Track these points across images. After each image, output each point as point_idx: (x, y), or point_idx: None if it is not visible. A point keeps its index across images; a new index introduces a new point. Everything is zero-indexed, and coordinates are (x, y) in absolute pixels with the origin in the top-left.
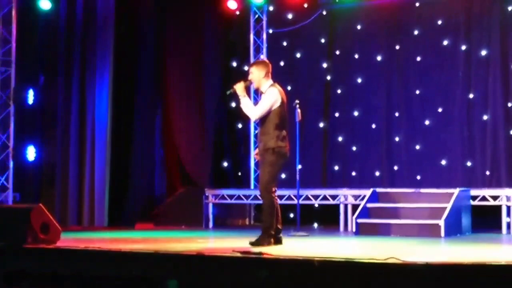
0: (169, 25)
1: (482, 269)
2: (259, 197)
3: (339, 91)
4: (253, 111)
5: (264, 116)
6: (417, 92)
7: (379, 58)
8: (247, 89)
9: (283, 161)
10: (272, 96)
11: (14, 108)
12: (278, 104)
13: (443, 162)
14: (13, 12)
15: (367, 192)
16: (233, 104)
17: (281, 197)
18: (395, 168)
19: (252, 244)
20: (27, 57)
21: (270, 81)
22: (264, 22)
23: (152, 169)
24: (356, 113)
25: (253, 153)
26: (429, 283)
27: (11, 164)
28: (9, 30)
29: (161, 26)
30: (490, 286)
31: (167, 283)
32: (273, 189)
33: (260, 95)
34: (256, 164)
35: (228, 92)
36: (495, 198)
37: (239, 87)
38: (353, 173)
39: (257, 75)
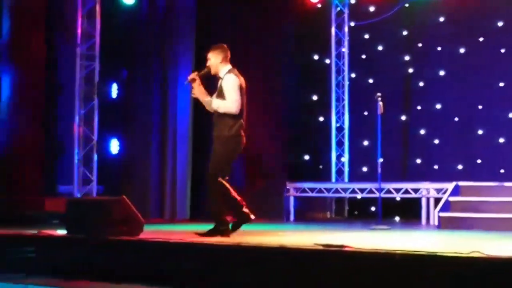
0: (247, 18)
1: None
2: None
3: (421, 84)
4: (228, 105)
5: (221, 99)
6: (501, 84)
7: (462, 50)
8: (204, 78)
9: (236, 151)
10: (234, 82)
11: (98, 102)
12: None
13: None
14: (97, 7)
15: (450, 186)
16: (315, 97)
17: (362, 190)
18: (478, 161)
19: (204, 234)
20: (111, 51)
21: (229, 66)
22: (346, 15)
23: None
24: (438, 106)
25: (334, 146)
26: None
27: (95, 157)
28: (93, 25)
29: (240, 18)
30: None
31: None
32: (224, 178)
33: (217, 81)
34: (338, 157)
35: (185, 83)
36: None
37: (198, 92)
38: (435, 166)
39: (214, 60)
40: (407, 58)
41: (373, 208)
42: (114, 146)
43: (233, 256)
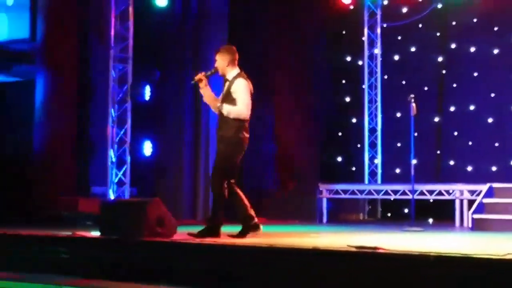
0: (280, 19)
1: None
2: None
3: (454, 85)
4: (240, 110)
5: (228, 103)
6: None
7: (495, 51)
8: (210, 78)
9: (240, 152)
10: (245, 87)
11: (131, 103)
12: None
13: None
14: (130, 9)
15: (484, 187)
16: (347, 99)
17: (395, 192)
18: None
19: (196, 235)
20: (143, 53)
21: (236, 70)
22: (378, 16)
23: (264, 164)
24: (471, 107)
25: (367, 148)
26: None
27: (128, 159)
28: (126, 27)
29: (272, 20)
30: None
31: None
32: (227, 182)
33: (224, 83)
34: (371, 158)
35: (192, 82)
36: None
37: (209, 98)
38: (469, 168)
39: (221, 63)
40: (440, 59)
41: (406, 210)
42: (147, 147)
43: (266, 258)
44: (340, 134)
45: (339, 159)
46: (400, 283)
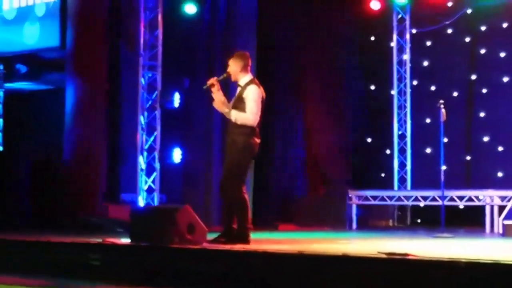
0: (308, 25)
1: None
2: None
3: (484, 91)
4: (247, 118)
5: (240, 109)
6: None
7: None
8: (223, 83)
9: (251, 158)
10: (256, 94)
11: (160, 111)
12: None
13: None
14: (159, 17)
15: None
16: (377, 105)
17: (425, 198)
18: None
19: (225, 242)
20: (173, 61)
21: (249, 76)
22: (407, 22)
23: (294, 170)
24: (501, 113)
25: (396, 154)
26: None
27: (157, 166)
28: (155, 35)
29: (301, 27)
30: None
31: None
32: (243, 186)
33: (237, 88)
34: (400, 164)
35: (204, 87)
36: None
37: (218, 103)
38: (499, 174)
39: (234, 68)
40: (469, 64)
41: (436, 216)
42: (177, 154)
43: (296, 265)
44: (369, 140)
45: (369, 165)
46: None
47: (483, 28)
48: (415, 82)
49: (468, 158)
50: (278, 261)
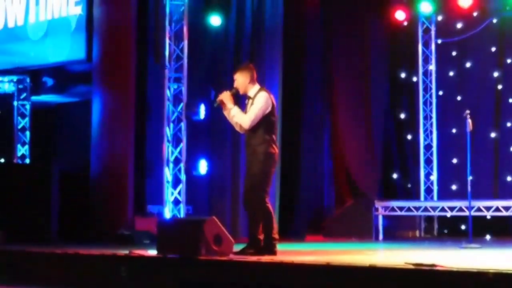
0: (335, 37)
1: None
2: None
3: (510, 100)
4: (245, 118)
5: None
6: None
7: None
8: (235, 98)
9: (274, 167)
10: (263, 101)
11: (186, 122)
12: (269, 109)
13: None
14: (185, 29)
15: None
16: (402, 116)
17: (452, 208)
18: None
19: (252, 253)
20: (198, 72)
21: (257, 86)
22: (433, 32)
23: (321, 181)
24: None
25: (422, 164)
26: None
27: (183, 177)
28: (180, 47)
29: (328, 38)
30: None
31: None
32: (267, 197)
33: (247, 100)
34: (427, 175)
35: (215, 105)
36: None
37: (226, 97)
38: None
39: (242, 81)
40: (496, 74)
41: (463, 227)
42: (203, 166)
43: (323, 276)
44: (396, 150)
45: (395, 176)
46: None
47: (509, 37)
48: (441, 92)
49: (495, 168)
50: (305, 272)
